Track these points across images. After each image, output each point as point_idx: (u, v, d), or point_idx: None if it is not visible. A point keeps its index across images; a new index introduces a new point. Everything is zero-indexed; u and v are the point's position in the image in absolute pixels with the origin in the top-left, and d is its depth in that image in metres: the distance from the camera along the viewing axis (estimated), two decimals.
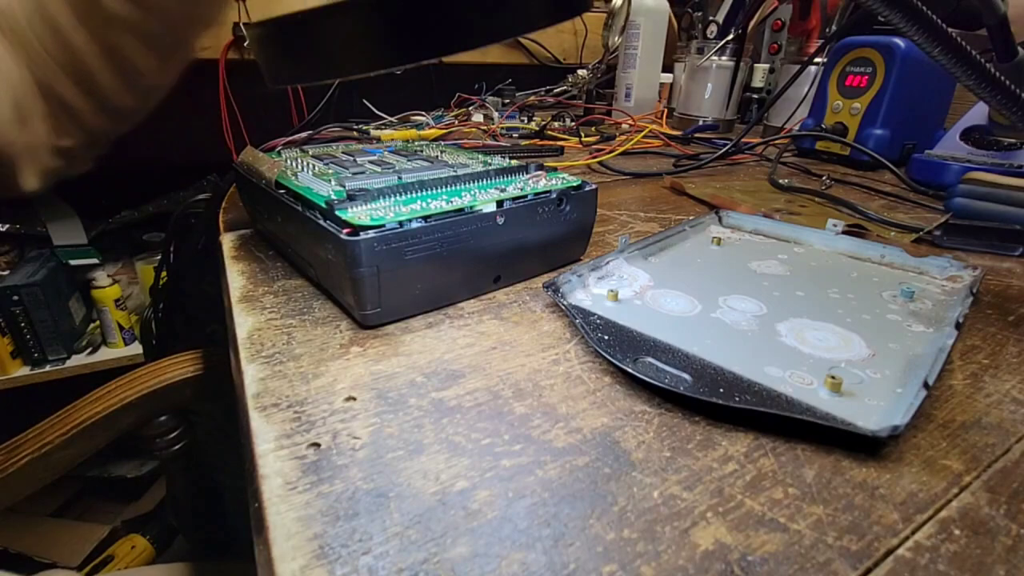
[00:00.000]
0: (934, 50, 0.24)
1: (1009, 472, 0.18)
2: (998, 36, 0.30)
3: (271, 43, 0.18)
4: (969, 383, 0.22)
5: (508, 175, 0.31)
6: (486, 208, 0.26)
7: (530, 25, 0.17)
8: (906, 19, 0.23)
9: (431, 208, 0.25)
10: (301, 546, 0.14)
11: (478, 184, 0.30)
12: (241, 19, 0.79)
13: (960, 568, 0.14)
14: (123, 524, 0.92)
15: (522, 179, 0.31)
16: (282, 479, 0.16)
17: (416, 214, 0.24)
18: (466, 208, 0.26)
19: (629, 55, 0.87)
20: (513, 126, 0.73)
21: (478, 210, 0.26)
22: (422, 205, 0.26)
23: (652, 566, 0.14)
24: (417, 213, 0.24)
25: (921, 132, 0.61)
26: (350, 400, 0.20)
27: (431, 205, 0.26)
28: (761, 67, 0.89)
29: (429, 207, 0.25)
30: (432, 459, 0.17)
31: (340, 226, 0.23)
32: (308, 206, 0.26)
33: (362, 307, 0.24)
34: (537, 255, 0.30)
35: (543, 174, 0.32)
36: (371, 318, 0.25)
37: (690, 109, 0.85)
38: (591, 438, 0.18)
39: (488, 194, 0.28)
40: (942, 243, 0.38)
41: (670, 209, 0.45)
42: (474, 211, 0.26)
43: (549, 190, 0.29)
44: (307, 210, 0.26)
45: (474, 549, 0.14)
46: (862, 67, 0.60)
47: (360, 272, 0.23)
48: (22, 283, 0.82)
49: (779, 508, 0.16)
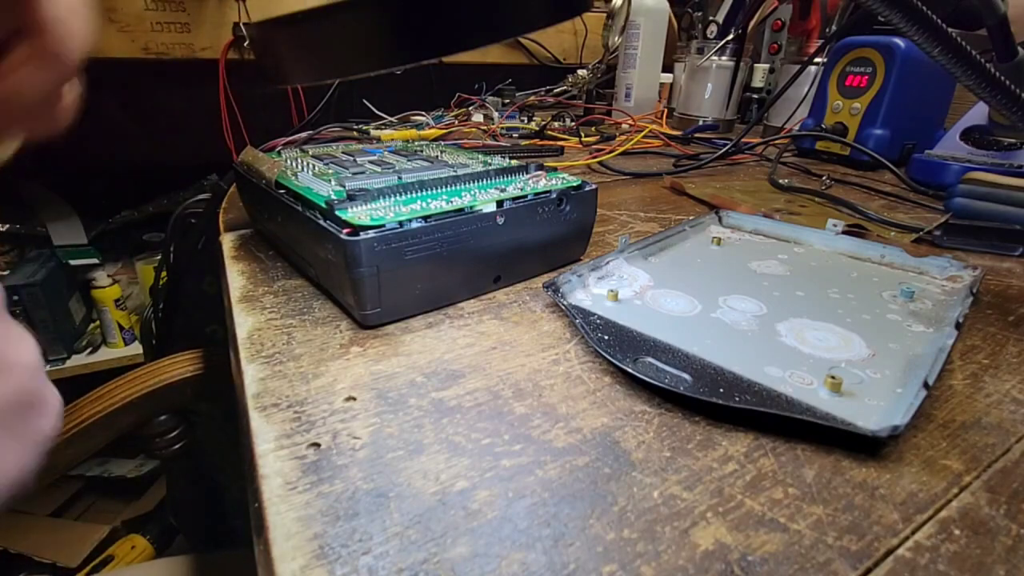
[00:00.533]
0: (934, 50, 0.24)
1: (1009, 472, 0.18)
2: (998, 36, 0.30)
3: (272, 43, 0.18)
4: (969, 383, 0.22)
5: (508, 175, 0.31)
6: (486, 208, 0.26)
7: (530, 25, 0.17)
8: (905, 19, 0.23)
9: (431, 208, 0.25)
10: (301, 546, 0.14)
11: (478, 184, 0.30)
12: (241, 19, 0.79)
13: (960, 568, 0.14)
14: (123, 524, 0.92)
15: (522, 179, 0.31)
16: (282, 479, 0.16)
17: (416, 214, 0.24)
18: (466, 208, 0.26)
19: (629, 55, 0.87)
20: (513, 126, 0.73)
21: (478, 210, 0.26)
22: (422, 205, 0.26)
23: (652, 566, 0.14)
24: (417, 213, 0.25)
25: (921, 132, 0.61)
26: (350, 400, 0.20)
27: (431, 205, 0.26)
28: (761, 67, 0.89)
29: (429, 207, 0.25)
30: (432, 459, 0.17)
31: (340, 226, 0.23)
32: (308, 206, 0.26)
33: (362, 307, 0.24)
34: (537, 255, 0.30)
35: (543, 174, 0.32)
36: (371, 318, 0.25)
37: (690, 109, 0.85)
38: (591, 438, 0.18)
39: (488, 194, 0.28)
40: (942, 243, 0.38)
41: (670, 209, 0.45)
42: (474, 211, 0.26)
43: (549, 190, 0.29)
44: (307, 210, 0.26)
45: (474, 549, 0.14)
46: (862, 67, 0.60)
47: (360, 272, 0.23)
48: (22, 283, 0.82)
49: (779, 508, 0.16)
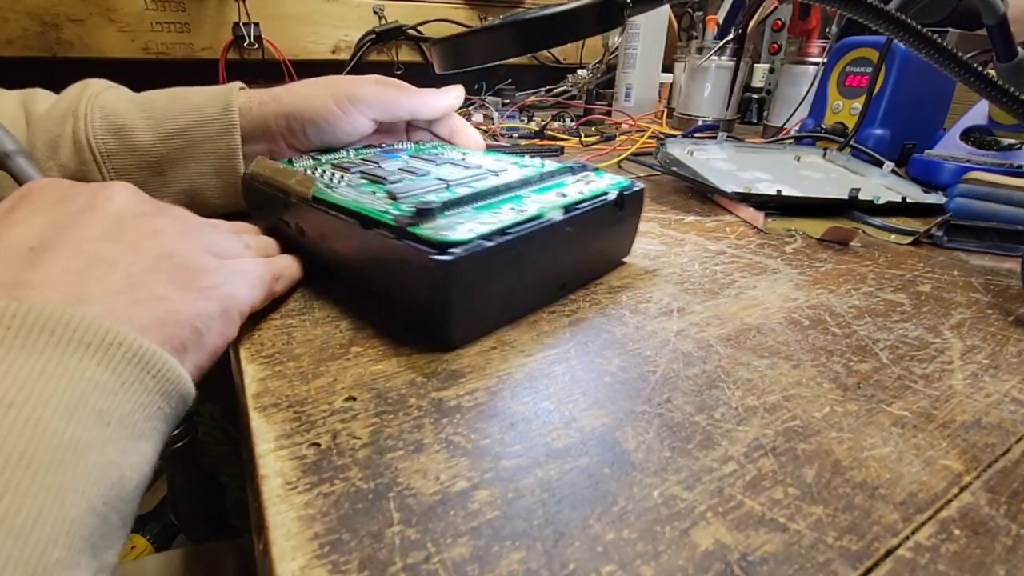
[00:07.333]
0: (899, 35, 0.24)
1: (1009, 472, 0.18)
2: (998, 36, 0.30)
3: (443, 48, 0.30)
4: (969, 383, 0.22)
5: (557, 177, 0.30)
6: (556, 215, 0.25)
7: (582, 35, 0.27)
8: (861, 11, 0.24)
9: (504, 219, 0.23)
10: (301, 546, 0.14)
11: (532, 189, 0.28)
12: (241, 19, 0.79)
13: (960, 568, 0.14)
14: None
15: (574, 181, 0.30)
16: (282, 479, 0.16)
17: (494, 227, 0.23)
18: (537, 216, 0.24)
19: (629, 55, 0.87)
20: (513, 126, 0.73)
21: (548, 218, 0.25)
22: (495, 216, 0.24)
23: (652, 566, 0.14)
24: (495, 226, 0.23)
25: (921, 132, 0.61)
26: (350, 400, 0.20)
27: (502, 216, 0.24)
28: (761, 67, 0.89)
29: (502, 218, 0.24)
30: (432, 459, 0.17)
31: (423, 245, 0.21)
32: (369, 224, 0.24)
33: (450, 330, 0.23)
34: (596, 258, 0.30)
35: (591, 174, 0.31)
36: (456, 340, 0.23)
37: (690, 109, 0.85)
38: (591, 438, 0.18)
39: (545, 198, 0.27)
40: (943, 243, 0.38)
41: (670, 209, 0.45)
42: (544, 219, 0.24)
43: (606, 191, 0.28)
44: (370, 228, 0.24)
45: (474, 549, 0.14)
46: (862, 67, 0.60)
47: (451, 294, 0.21)
48: None
49: (779, 508, 0.16)
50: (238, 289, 0.22)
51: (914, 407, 0.21)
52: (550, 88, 0.98)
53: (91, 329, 0.16)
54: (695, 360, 0.23)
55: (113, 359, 0.16)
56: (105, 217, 0.20)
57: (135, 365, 0.16)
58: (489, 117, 0.75)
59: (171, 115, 0.33)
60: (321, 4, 0.87)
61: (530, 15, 0.26)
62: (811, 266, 0.34)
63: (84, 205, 0.20)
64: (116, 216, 0.20)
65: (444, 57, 0.29)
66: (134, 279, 0.19)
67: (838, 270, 0.33)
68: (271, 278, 0.25)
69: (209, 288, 0.21)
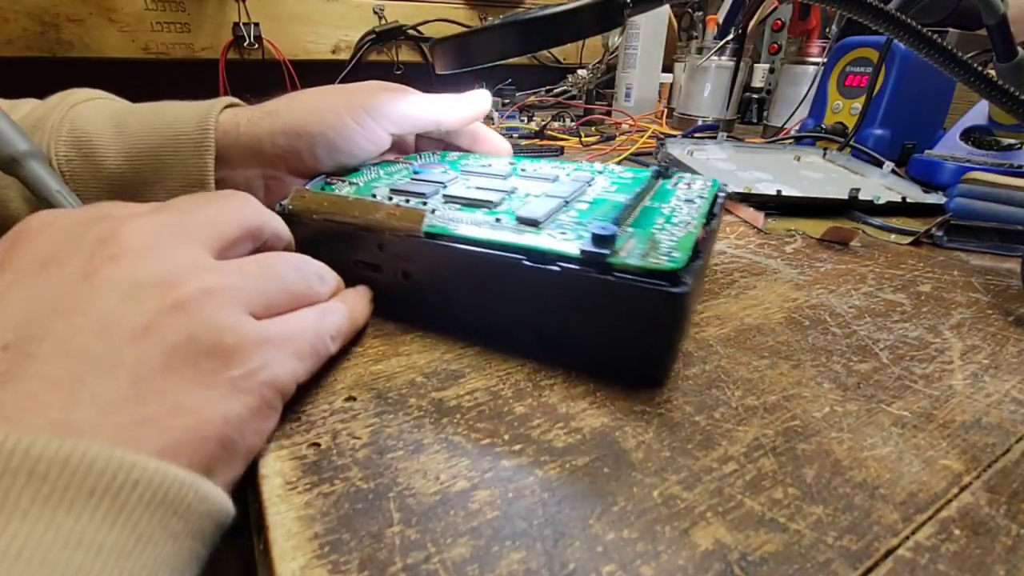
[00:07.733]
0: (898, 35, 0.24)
1: (1009, 472, 0.18)
2: (998, 36, 0.30)
3: (444, 48, 0.29)
4: (969, 383, 0.22)
5: (658, 184, 0.30)
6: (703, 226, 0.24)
7: (582, 35, 0.27)
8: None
9: (678, 233, 0.22)
10: (301, 546, 0.14)
11: (653, 199, 0.27)
12: (241, 19, 0.79)
13: (960, 568, 0.14)
14: None
15: (678, 188, 0.29)
16: (282, 479, 0.16)
17: (676, 247, 0.21)
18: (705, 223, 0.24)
19: (629, 55, 0.87)
20: (513, 126, 0.73)
21: (711, 227, 0.24)
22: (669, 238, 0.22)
23: (652, 566, 0.14)
24: (675, 246, 0.21)
25: (921, 132, 0.61)
26: (350, 400, 0.20)
27: (676, 231, 0.22)
28: (761, 67, 0.89)
29: (673, 238, 0.22)
30: (432, 459, 0.17)
31: (642, 276, 0.19)
32: (541, 260, 0.20)
33: (668, 366, 0.21)
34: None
35: (685, 177, 0.31)
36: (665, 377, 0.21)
37: (690, 109, 0.85)
38: (591, 438, 0.18)
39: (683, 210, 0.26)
40: (943, 243, 0.38)
41: None
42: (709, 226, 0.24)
43: (713, 197, 0.28)
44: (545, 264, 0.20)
45: (474, 549, 0.14)
46: (862, 67, 0.60)
47: (683, 326, 0.20)
48: None
49: (779, 508, 0.16)
50: (282, 368, 0.17)
51: (914, 407, 0.21)
52: (550, 88, 0.98)
53: (94, 469, 0.12)
54: (695, 360, 0.23)
55: (125, 507, 0.12)
56: (109, 287, 0.15)
57: (154, 509, 0.12)
58: (489, 117, 0.75)
59: (142, 133, 0.28)
60: (321, 4, 0.87)
61: (530, 15, 0.26)
62: (811, 266, 0.34)
63: (80, 270, 0.15)
64: (125, 286, 0.15)
65: (445, 57, 0.29)
66: (142, 385, 0.14)
67: (838, 270, 0.33)
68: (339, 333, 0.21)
69: (242, 378, 0.16)
